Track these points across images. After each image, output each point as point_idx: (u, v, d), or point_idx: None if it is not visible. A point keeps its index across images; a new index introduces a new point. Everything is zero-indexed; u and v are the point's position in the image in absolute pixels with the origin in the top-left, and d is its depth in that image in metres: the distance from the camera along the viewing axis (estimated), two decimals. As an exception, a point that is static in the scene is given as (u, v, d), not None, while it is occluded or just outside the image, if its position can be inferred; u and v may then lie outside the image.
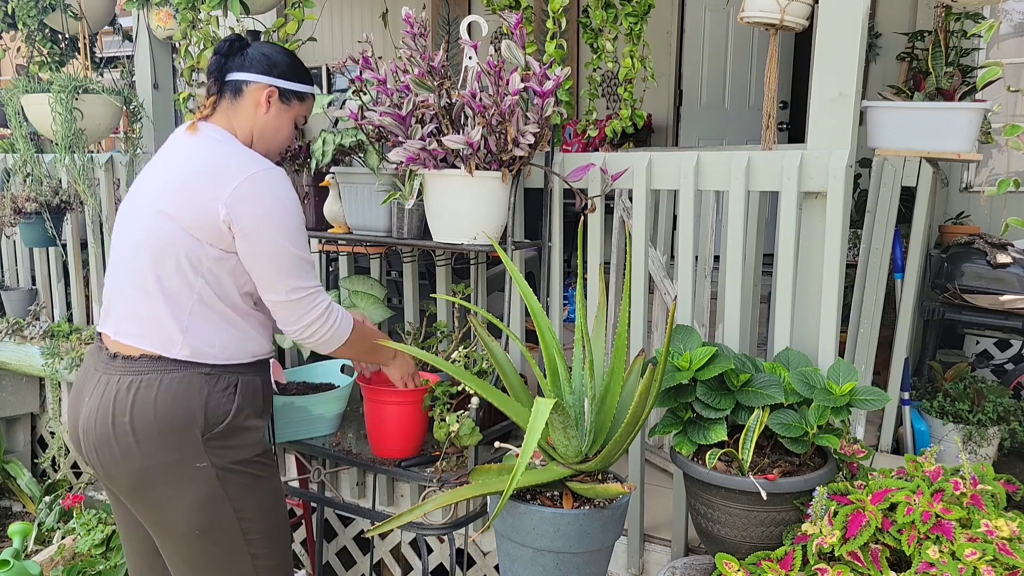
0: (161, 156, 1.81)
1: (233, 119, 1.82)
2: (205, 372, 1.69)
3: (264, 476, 1.79)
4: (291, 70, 1.87)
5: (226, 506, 1.71)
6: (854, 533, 1.52)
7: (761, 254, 2.53)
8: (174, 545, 1.75)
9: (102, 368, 1.71)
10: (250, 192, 1.66)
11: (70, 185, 3.20)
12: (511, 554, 1.69)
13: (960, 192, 4.53)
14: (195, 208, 1.66)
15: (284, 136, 1.90)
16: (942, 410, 2.92)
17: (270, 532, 1.80)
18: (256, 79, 1.82)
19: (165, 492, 1.69)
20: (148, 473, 1.67)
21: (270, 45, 1.90)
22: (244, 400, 1.74)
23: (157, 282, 1.68)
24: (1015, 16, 4.38)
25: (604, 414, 1.72)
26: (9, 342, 3.56)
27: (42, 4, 3.22)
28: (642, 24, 2.39)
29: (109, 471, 1.71)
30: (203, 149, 1.74)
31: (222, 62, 1.82)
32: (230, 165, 1.70)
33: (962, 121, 2.43)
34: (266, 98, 1.82)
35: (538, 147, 2.05)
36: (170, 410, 1.65)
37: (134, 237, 1.72)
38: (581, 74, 5.45)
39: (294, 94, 1.88)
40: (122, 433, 1.65)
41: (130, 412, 1.65)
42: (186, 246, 1.67)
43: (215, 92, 1.82)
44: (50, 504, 3.35)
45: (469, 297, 2.48)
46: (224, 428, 1.70)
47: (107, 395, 1.67)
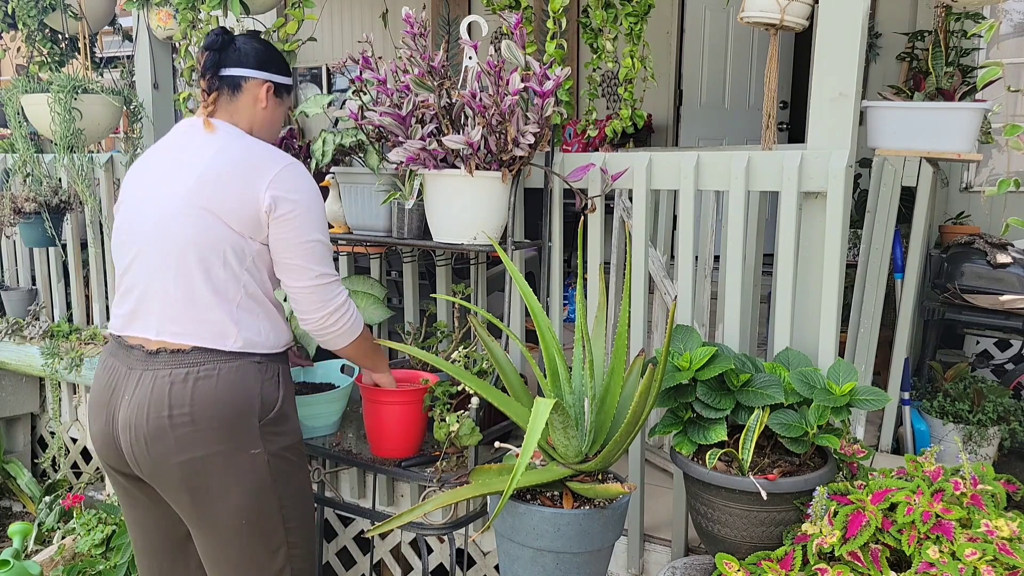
0: (178, 155, 1.79)
1: (234, 114, 1.84)
2: (257, 361, 1.75)
3: (301, 464, 1.86)
4: (282, 64, 1.92)
5: (273, 495, 1.76)
6: (854, 533, 1.52)
7: (761, 254, 2.53)
8: (217, 536, 1.76)
9: (141, 365, 1.72)
10: (288, 180, 1.73)
11: (70, 185, 3.20)
12: (511, 554, 1.69)
13: (960, 192, 4.53)
14: (237, 201, 1.70)
15: (277, 129, 1.95)
16: (942, 410, 2.92)
17: (303, 520, 1.86)
18: (254, 74, 1.84)
19: (218, 482, 1.71)
20: (204, 463, 1.69)
21: (255, 39, 1.92)
22: (286, 388, 1.81)
23: (207, 279, 1.70)
24: (1015, 16, 4.38)
25: (604, 414, 1.72)
26: (9, 342, 3.56)
27: (42, 4, 3.22)
28: (642, 24, 2.39)
29: (160, 466, 1.70)
30: (232, 144, 1.77)
31: (217, 58, 1.83)
32: (265, 157, 1.76)
33: (962, 121, 2.43)
34: (265, 93, 1.85)
35: (538, 147, 2.05)
36: (231, 398, 1.69)
37: (175, 237, 1.71)
38: (581, 74, 5.45)
39: (285, 88, 1.93)
40: (181, 424, 1.67)
41: (190, 402, 1.67)
42: (231, 241, 1.71)
43: (215, 88, 1.83)
44: (50, 504, 3.35)
45: (469, 297, 2.48)
46: (275, 415, 1.76)
47: (159, 388, 1.68)
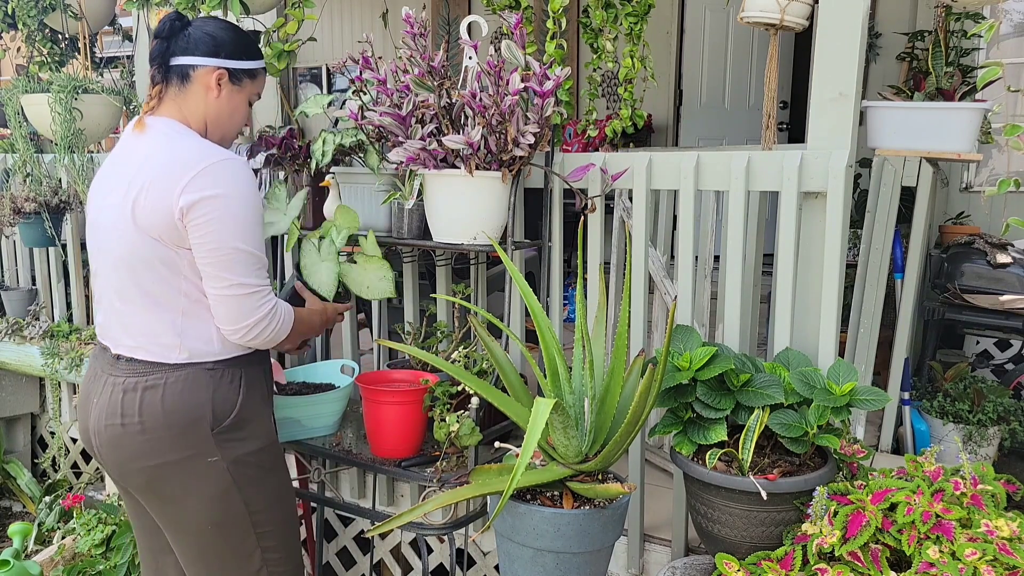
0: (114, 161, 1.73)
1: (184, 108, 1.73)
2: (208, 368, 1.69)
3: (273, 468, 1.81)
4: (239, 47, 1.76)
5: (238, 500, 1.72)
6: (854, 533, 1.52)
7: (761, 254, 2.53)
8: (187, 541, 1.76)
9: (107, 370, 1.72)
10: (204, 182, 1.58)
11: (70, 185, 3.20)
12: (511, 554, 1.69)
13: (960, 192, 4.53)
14: (156, 212, 1.59)
15: (239, 119, 1.82)
16: (942, 410, 2.91)
17: (279, 525, 1.82)
18: (203, 62, 1.71)
19: (178, 489, 1.69)
20: (160, 470, 1.68)
21: (213, 21, 1.78)
22: (250, 391, 1.75)
23: (142, 294, 1.66)
24: (1015, 16, 4.38)
25: (604, 414, 1.72)
26: (9, 342, 3.56)
27: (42, 4, 3.22)
28: (642, 24, 2.39)
29: (122, 471, 1.72)
30: (157, 150, 1.66)
31: (165, 47, 1.71)
32: (184, 161, 1.61)
33: (962, 121, 2.43)
34: (216, 81, 1.72)
35: (538, 147, 2.05)
36: (177, 407, 1.66)
37: (112, 252, 1.69)
38: (581, 74, 5.45)
39: (245, 72, 1.78)
40: (132, 432, 1.66)
41: (138, 411, 1.66)
42: (158, 253, 1.62)
43: (160, 80, 1.72)
44: (50, 504, 3.35)
45: (469, 297, 2.48)
46: (232, 421, 1.71)
47: (115, 396, 1.68)
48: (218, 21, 1.79)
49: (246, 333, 1.68)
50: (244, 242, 1.63)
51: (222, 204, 1.59)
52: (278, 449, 1.84)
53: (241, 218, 1.62)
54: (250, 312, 1.67)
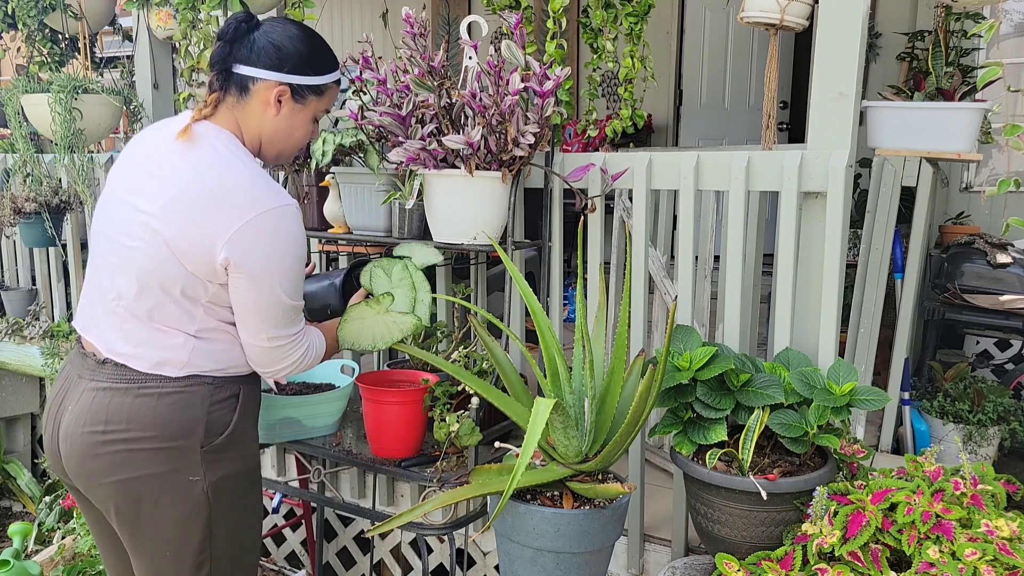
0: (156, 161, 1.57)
1: (240, 120, 1.60)
2: (207, 382, 1.59)
3: (248, 493, 1.70)
4: (306, 61, 1.60)
5: (204, 527, 1.60)
6: (854, 533, 1.52)
7: (761, 254, 2.53)
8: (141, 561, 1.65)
9: (88, 375, 1.59)
10: (255, 235, 1.49)
11: (70, 185, 3.20)
12: (511, 554, 1.69)
13: (960, 192, 4.53)
14: (193, 241, 1.49)
15: (300, 137, 1.69)
16: (942, 410, 2.91)
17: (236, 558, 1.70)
18: (264, 75, 1.57)
19: (148, 506, 1.58)
20: (135, 484, 1.56)
21: (282, 27, 1.60)
22: (244, 410, 1.66)
23: (157, 313, 1.55)
24: (1015, 16, 4.38)
25: (604, 414, 1.72)
26: (9, 342, 3.56)
27: (42, 4, 3.22)
28: (642, 24, 2.39)
29: (92, 482, 1.58)
30: (210, 171, 1.53)
31: (227, 50, 1.56)
32: (238, 199, 1.50)
33: (962, 121, 2.43)
34: (276, 98, 1.58)
35: (538, 147, 2.05)
36: (171, 419, 1.55)
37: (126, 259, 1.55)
38: (581, 74, 5.45)
39: (310, 89, 1.62)
40: (115, 440, 1.54)
41: (128, 417, 1.54)
42: (183, 279, 1.52)
43: (218, 88, 1.59)
44: (50, 504, 3.35)
45: (469, 297, 2.48)
46: (223, 440, 1.61)
47: (98, 402, 1.55)
48: (288, 27, 1.61)
49: (276, 373, 1.67)
50: (286, 294, 1.57)
51: (272, 259, 1.53)
52: (257, 474, 1.73)
53: (285, 271, 1.55)
54: (285, 358, 1.65)
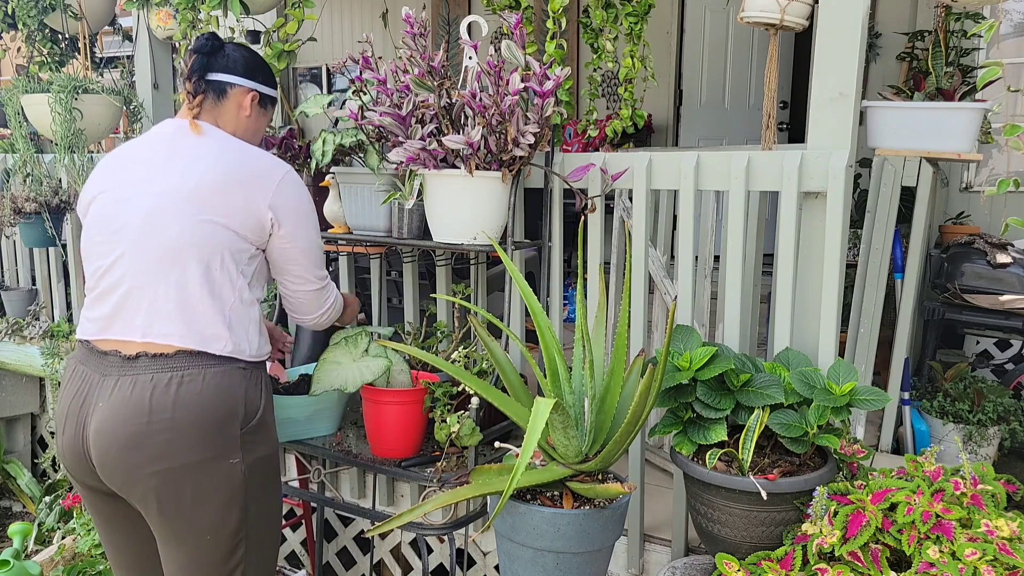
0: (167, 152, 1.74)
1: (218, 119, 1.83)
2: (241, 367, 1.72)
3: (275, 477, 1.82)
4: (268, 76, 1.93)
5: (241, 509, 1.71)
6: (854, 533, 1.52)
7: (761, 254, 2.53)
8: (181, 550, 1.71)
9: (117, 371, 1.65)
10: (288, 190, 1.76)
11: (70, 185, 3.20)
12: (511, 554, 1.69)
13: (960, 192, 4.53)
14: (240, 209, 1.70)
15: (258, 139, 1.95)
16: (942, 410, 2.91)
17: (266, 539, 1.80)
18: (240, 82, 1.85)
19: (191, 492, 1.65)
20: (180, 472, 1.64)
21: (244, 47, 1.93)
22: (267, 395, 1.79)
23: (204, 281, 1.67)
24: (1015, 16, 4.38)
25: (604, 414, 1.72)
26: (9, 342, 3.56)
27: (42, 4, 3.22)
28: (642, 24, 2.39)
29: (133, 475, 1.64)
30: (227, 149, 1.76)
31: (205, 61, 1.82)
32: (264, 165, 1.76)
33: (962, 121, 2.44)
34: (249, 101, 1.86)
35: (538, 147, 2.05)
36: (216, 404, 1.66)
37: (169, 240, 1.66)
38: (581, 74, 5.46)
39: (270, 100, 1.94)
40: (160, 430, 1.61)
41: (172, 407, 1.62)
42: (230, 244, 1.70)
43: (201, 91, 1.82)
44: (50, 504, 3.35)
45: (469, 297, 2.48)
46: (256, 423, 1.73)
47: (139, 393, 1.61)
48: (248, 47, 1.95)
49: (321, 316, 1.93)
50: (318, 234, 1.87)
51: (304, 210, 1.81)
52: (279, 458, 1.87)
53: (312, 216, 1.84)
54: (327, 299, 1.93)
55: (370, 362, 2.10)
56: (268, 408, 1.79)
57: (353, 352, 2.12)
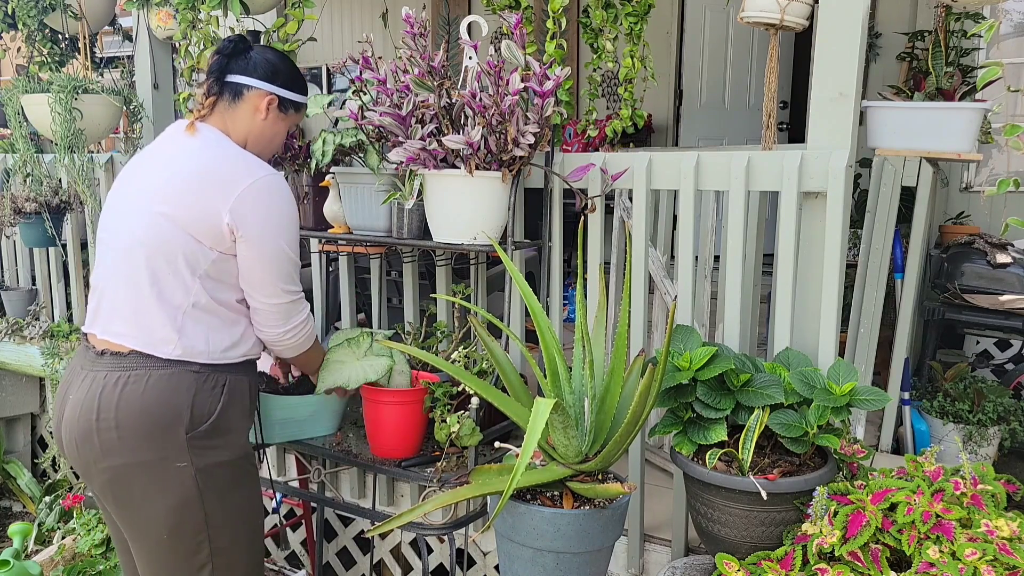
0: (155, 154, 1.78)
1: (229, 121, 1.81)
2: (194, 370, 1.69)
3: (241, 482, 1.78)
4: (292, 80, 1.88)
5: (198, 511, 1.70)
6: (854, 533, 1.52)
7: (761, 254, 2.53)
8: (141, 546, 1.74)
9: (88, 366, 1.71)
10: (254, 198, 1.69)
11: (70, 185, 3.20)
12: (511, 554, 1.69)
13: (960, 192, 4.53)
14: (197, 211, 1.66)
15: (277, 144, 1.92)
16: (942, 410, 2.91)
17: (235, 543, 1.78)
18: (258, 85, 1.82)
19: (140, 491, 1.67)
20: (126, 471, 1.66)
21: (273, 51, 1.90)
22: (231, 400, 1.74)
23: (152, 282, 1.67)
24: (1015, 16, 4.38)
25: (604, 414, 1.72)
26: (9, 342, 3.56)
27: (42, 4, 3.22)
28: (642, 24, 2.39)
29: (87, 468, 1.70)
30: (203, 151, 1.74)
31: (224, 63, 1.81)
32: (233, 170, 1.71)
33: (962, 121, 2.43)
34: (266, 105, 1.83)
35: (538, 147, 2.05)
36: (157, 406, 1.65)
37: (129, 236, 1.70)
38: (581, 74, 5.45)
39: (292, 104, 1.90)
40: (105, 428, 1.64)
41: (116, 407, 1.64)
42: (185, 247, 1.66)
43: (215, 92, 1.80)
44: (50, 504, 3.35)
45: (469, 297, 2.48)
46: (208, 427, 1.70)
47: (92, 391, 1.66)
48: (277, 52, 1.91)
49: (285, 334, 1.82)
50: (288, 247, 1.76)
51: (273, 218, 1.72)
52: (249, 465, 1.82)
53: (284, 227, 1.75)
54: (295, 315, 1.83)
55: (373, 360, 2.10)
56: (230, 413, 1.74)
57: (356, 351, 2.12)
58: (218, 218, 1.66)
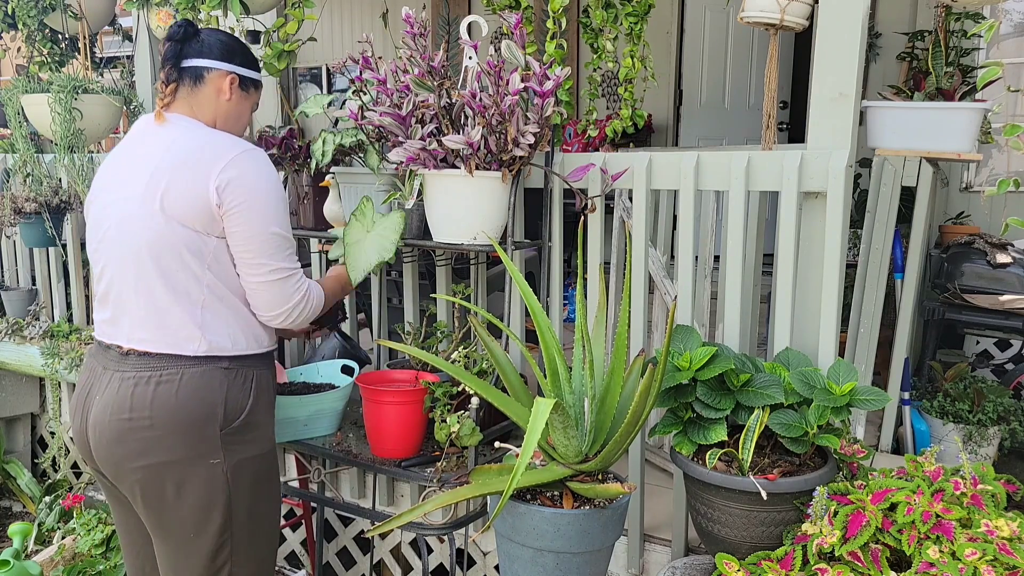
0: (130, 155, 1.76)
1: (195, 106, 1.79)
2: (224, 366, 1.70)
3: (267, 478, 1.80)
4: (247, 58, 1.87)
5: (224, 511, 1.71)
6: (854, 533, 1.52)
7: (761, 254, 2.53)
8: (166, 546, 1.74)
9: (113, 366, 1.70)
10: (237, 172, 1.66)
11: (70, 185, 3.20)
12: (511, 554, 1.69)
13: (960, 192, 4.53)
14: (186, 197, 1.64)
15: (243, 123, 1.91)
16: (942, 410, 2.91)
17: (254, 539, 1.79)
18: (217, 66, 1.80)
19: (172, 490, 1.68)
20: (160, 469, 1.67)
21: (222, 32, 1.90)
22: (259, 394, 1.76)
23: (164, 283, 1.66)
24: (1015, 16, 4.38)
25: (604, 414, 1.72)
26: (9, 342, 3.56)
27: (42, 4, 3.22)
28: (642, 24, 2.39)
29: (120, 468, 1.69)
30: (178, 140, 1.71)
31: (178, 48, 1.78)
32: (213, 150, 1.68)
33: (962, 121, 2.44)
34: (228, 85, 1.81)
35: (538, 147, 2.05)
36: (192, 404, 1.66)
37: (131, 241, 1.68)
38: (581, 74, 5.45)
39: (251, 82, 1.89)
40: (140, 428, 1.65)
41: (151, 406, 1.64)
42: (186, 240, 1.65)
43: (174, 79, 1.78)
44: (50, 504, 3.35)
45: (469, 297, 2.48)
46: (240, 423, 1.71)
47: (123, 390, 1.66)
48: (225, 32, 1.91)
49: (286, 316, 1.77)
50: (279, 226, 1.72)
51: (258, 191, 1.68)
52: (275, 459, 1.84)
53: (273, 204, 1.71)
54: (290, 295, 1.76)
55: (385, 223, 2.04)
56: (259, 408, 1.76)
57: (364, 223, 2.06)
58: (206, 199, 1.64)
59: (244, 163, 1.68)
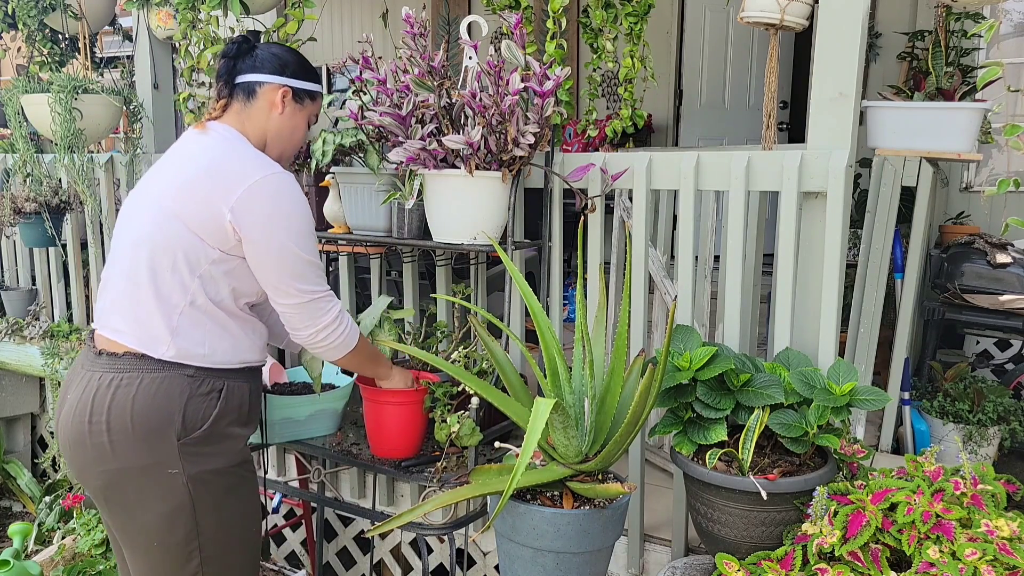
0: (170, 155, 1.78)
1: (246, 121, 1.79)
2: (188, 374, 1.65)
3: (235, 490, 1.73)
4: (302, 69, 1.86)
5: (189, 519, 1.66)
6: (854, 533, 1.52)
7: (761, 254, 2.53)
8: (132, 553, 1.72)
9: (87, 365, 1.70)
10: (258, 196, 1.64)
11: (70, 185, 3.20)
12: (511, 554, 1.69)
13: (960, 192, 4.53)
14: (201, 208, 1.64)
15: (299, 136, 1.88)
16: (942, 410, 2.91)
17: (227, 553, 1.74)
18: (269, 79, 1.79)
19: (132, 497, 1.65)
20: (118, 476, 1.64)
21: (278, 45, 1.88)
22: (227, 406, 1.70)
23: (151, 279, 1.65)
24: (1015, 16, 4.38)
25: (604, 414, 1.72)
26: (9, 342, 3.56)
27: (42, 4, 3.22)
28: (642, 24, 2.39)
29: (82, 472, 1.68)
30: (211, 148, 1.72)
31: (232, 65, 1.79)
32: (240, 168, 1.67)
33: (962, 121, 2.44)
34: (281, 98, 1.80)
35: (538, 147, 2.05)
36: (147, 411, 1.62)
37: (135, 232, 1.69)
38: (581, 74, 5.45)
39: (307, 93, 1.87)
40: (97, 432, 1.62)
41: (107, 411, 1.62)
42: (187, 244, 1.64)
43: (226, 95, 1.79)
44: (50, 504, 3.35)
45: (469, 297, 2.48)
46: (201, 434, 1.66)
47: (87, 393, 1.65)
48: (282, 45, 1.89)
49: (321, 337, 1.75)
50: (298, 247, 1.69)
51: (273, 217, 1.66)
52: (246, 472, 1.77)
53: (291, 226, 1.68)
54: (323, 314, 1.74)
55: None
56: (226, 419, 1.70)
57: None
58: (220, 216, 1.63)
59: (265, 187, 1.65)
